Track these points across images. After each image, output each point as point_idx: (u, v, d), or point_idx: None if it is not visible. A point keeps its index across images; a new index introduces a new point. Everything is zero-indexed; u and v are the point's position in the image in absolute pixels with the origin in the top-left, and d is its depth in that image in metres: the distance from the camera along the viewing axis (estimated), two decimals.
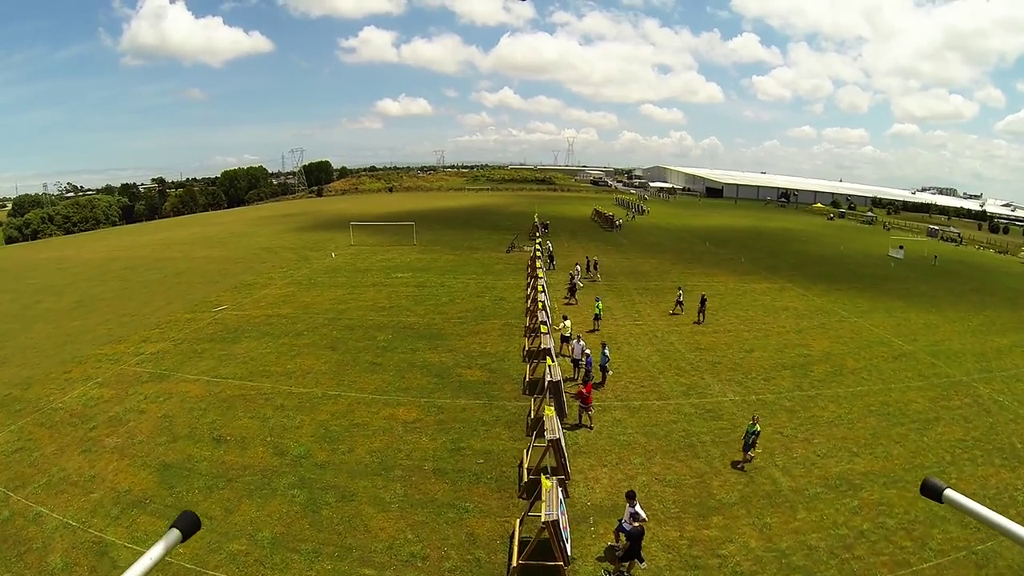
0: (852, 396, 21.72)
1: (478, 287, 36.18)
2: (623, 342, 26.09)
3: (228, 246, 58.44)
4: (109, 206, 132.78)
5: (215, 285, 39.42)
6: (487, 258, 46.81)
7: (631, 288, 36.88)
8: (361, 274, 40.70)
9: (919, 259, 56.24)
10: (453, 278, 38.80)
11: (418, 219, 74.93)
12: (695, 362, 24.17)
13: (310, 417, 18.69)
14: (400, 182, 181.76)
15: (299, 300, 33.67)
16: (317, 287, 36.99)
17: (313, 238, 60.57)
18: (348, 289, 35.96)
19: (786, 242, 63.83)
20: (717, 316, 31.24)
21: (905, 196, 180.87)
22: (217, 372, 22.94)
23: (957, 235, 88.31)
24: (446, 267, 42.97)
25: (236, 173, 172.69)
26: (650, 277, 40.72)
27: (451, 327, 27.70)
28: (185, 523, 2.85)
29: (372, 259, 46.87)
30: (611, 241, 57.91)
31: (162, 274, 45.13)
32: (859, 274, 46.40)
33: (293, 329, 27.98)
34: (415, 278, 38.96)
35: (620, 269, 42.91)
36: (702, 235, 65.16)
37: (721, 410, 19.86)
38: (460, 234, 61.40)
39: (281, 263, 46.59)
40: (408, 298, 33.41)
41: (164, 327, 29.61)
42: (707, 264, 46.71)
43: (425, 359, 23.43)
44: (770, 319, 31.51)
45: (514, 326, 27.96)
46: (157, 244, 64.06)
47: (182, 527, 2.82)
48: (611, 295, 34.62)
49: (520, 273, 40.62)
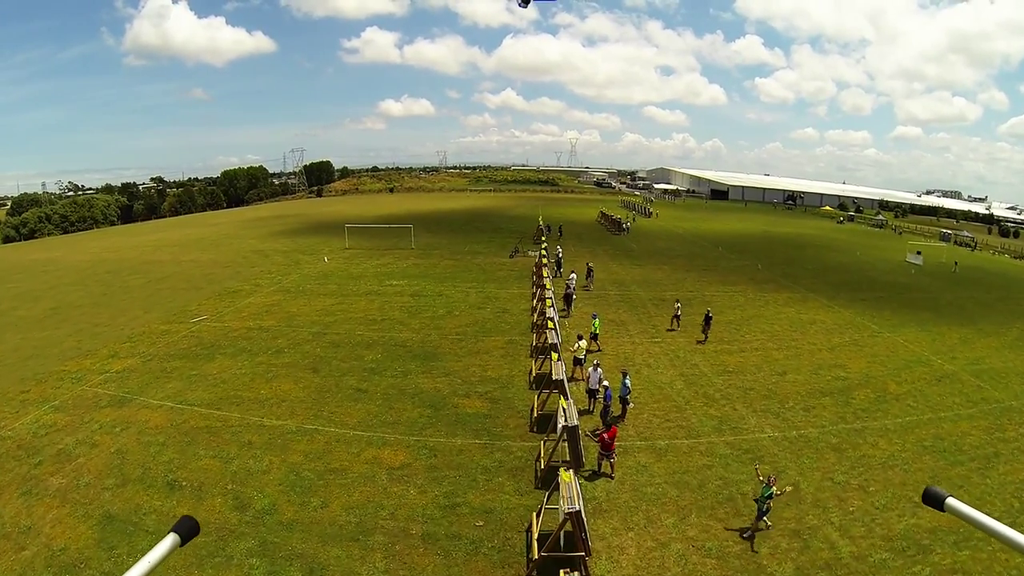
0: (902, 429, 19.08)
1: (479, 297, 33.41)
2: (641, 364, 23.29)
3: (220, 248, 55.78)
4: (107, 205, 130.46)
5: (198, 292, 36.78)
6: (489, 264, 44.05)
7: (645, 299, 34.05)
8: (353, 281, 37.94)
9: (938, 266, 53.80)
10: (452, 286, 36.05)
11: (417, 221, 72.36)
12: (724, 388, 21.38)
13: (280, 458, 15.91)
14: (401, 183, 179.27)
15: (284, 310, 30.94)
16: (305, 295, 34.26)
17: (307, 241, 57.86)
18: (338, 298, 33.21)
19: (800, 248, 61.06)
20: (741, 331, 28.52)
21: (911, 199, 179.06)
22: (184, 397, 20.26)
23: (971, 240, 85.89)
24: (445, 274, 40.21)
25: (236, 173, 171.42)
26: (664, 286, 37.90)
27: (448, 345, 24.92)
28: (184, 528, 2.82)
29: (366, 264, 44.13)
30: (620, 246, 55.09)
31: (146, 279, 42.50)
32: (881, 282, 43.68)
33: (273, 345, 25.24)
34: (411, 286, 36.21)
35: (632, 278, 40.07)
36: (713, 240, 62.35)
37: (760, 449, 17.11)
38: (460, 237, 58.63)
39: (271, 267, 43.89)
40: (402, 309, 30.63)
41: (136, 340, 27.07)
42: (722, 272, 43.91)
43: (417, 385, 20.63)
44: (798, 335, 28.79)
45: (519, 344, 25.13)
46: (148, 246, 61.39)
47: (181, 532, 2.80)
48: (624, 307, 31.89)
49: (525, 281, 37.87)
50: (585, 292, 34.76)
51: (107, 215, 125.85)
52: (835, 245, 64.48)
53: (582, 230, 65.50)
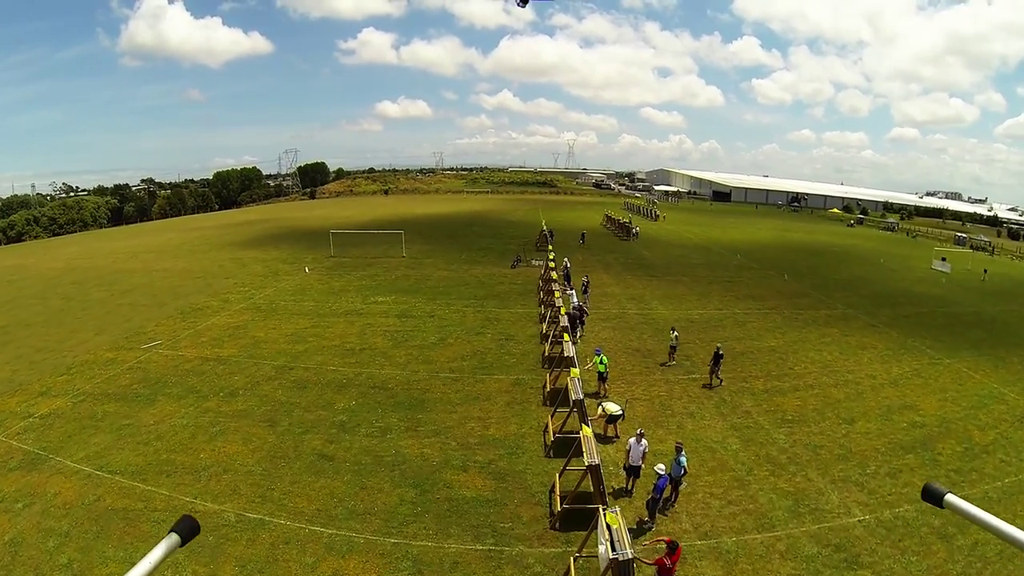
0: (1004, 496, 15.29)
1: (477, 319, 28.81)
2: (682, 412, 18.81)
3: (196, 256, 51.08)
4: (97, 207, 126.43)
5: (160, 309, 32.34)
6: (488, 275, 39.53)
7: (671, 320, 29.53)
8: (334, 297, 33.36)
9: (965, 274, 49.97)
10: (446, 304, 31.47)
11: (411, 226, 67.88)
12: (789, 447, 16.97)
13: (207, 571, 11.43)
14: (397, 184, 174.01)
15: (249, 335, 26.43)
16: (277, 314, 29.74)
17: (290, 248, 53.24)
18: (313, 319, 28.69)
19: (819, 255, 56.73)
20: (788, 361, 24.17)
21: (913, 200, 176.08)
22: (107, 459, 15.98)
23: (987, 244, 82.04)
24: (438, 287, 35.64)
25: (229, 174, 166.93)
26: (689, 302, 33.45)
27: (440, 387, 20.28)
28: (184, 527, 2.76)
29: (351, 276, 39.55)
30: (631, 254, 50.54)
31: (110, 291, 38.03)
32: (918, 295, 39.48)
33: (228, 384, 20.73)
34: (398, 303, 31.66)
35: (651, 293, 35.50)
36: (729, 247, 57.89)
37: (854, 544, 12.83)
38: (457, 244, 54.00)
39: (246, 279, 39.36)
40: (386, 335, 26.03)
41: (76, 371, 22.95)
42: (748, 284, 39.49)
43: (399, 449, 16.03)
44: (852, 363, 24.59)
45: (528, 386, 20.52)
46: (125, 252, 56.60)
47: (181, 531, 2.74)
48: (647, 330, 27.36)
49: (530, 297, 33.39)
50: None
51: (97, 217, 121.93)
52: (855, 252, 60.08)
53: (589, 237, 60.99)
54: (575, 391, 14.70)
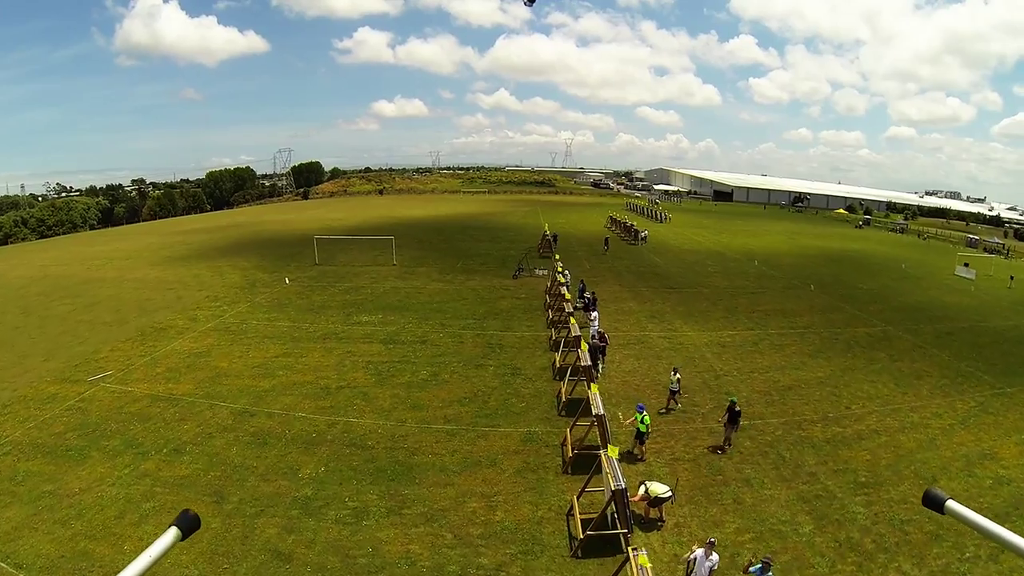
0: None
1: (476, 345, 25.01)
2: (732, 475, 15.13)
3: (173, 263, 47.11)
4: (87, 209, 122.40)
5: (121, 327, 28.73)
6: (487, 287, 35.77)
7: (700, 344, 25.88)
8: (313, 315, 29.56)
9: (990, 280, 46.88)
10: (440, 325, 27.69)
11: (405, 229, 64.28)
12: (871, 525, 13.52)
13: None
14: (392, 184, 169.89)
15: (211, 365, 22.71)
16: (246, 338, 26.00)
17: (273, 255, 49.35)
18: (287, 344, 24.94)
19: (838, 262, 53.08)
20: (843, 397, 20.62)
21: (914, 200, 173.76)
22: (15, 545, 12.83)
23: (1001, 246, 78.94)
24: (431, 304, 31.83)
25: (222, 174, 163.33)
26: (715, 320, 29.75)
27: (432, 445, 16.43)
28: (184, 522, 2.74)
29: (334, 288, 35.72)
30: (643, 261, 46.71)
31: (74, 304, 34.34)
32: (951, 307, 36.23)
33: (175, 436, 17.04)
34: (385, 324, 27.85)
35: (672, 308, 31.68)
36: (745, 253, 54.35)
37: None
38: (452, 250, 50.20)
39: (220, 291, 35.62)
40: (368, 368, 22.17)
41: (9, 411, 19.55)
42: (775, 296, 35.81)
43: (376, 545, 12.25)
44: (912, 397, 21.37)
45: (543, 443, 16.68)
46: (102, 258, 52.54)
47: (182, 526, 2.72)
48: (679, 360, 23.40)
49: (536, 315, 29.67)
50: None
51: (86, 219, 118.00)
52: (875, 258, 56.47)
53: (594, 240, 57.23)
54: (614, 477, 11.26)
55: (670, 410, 18.86)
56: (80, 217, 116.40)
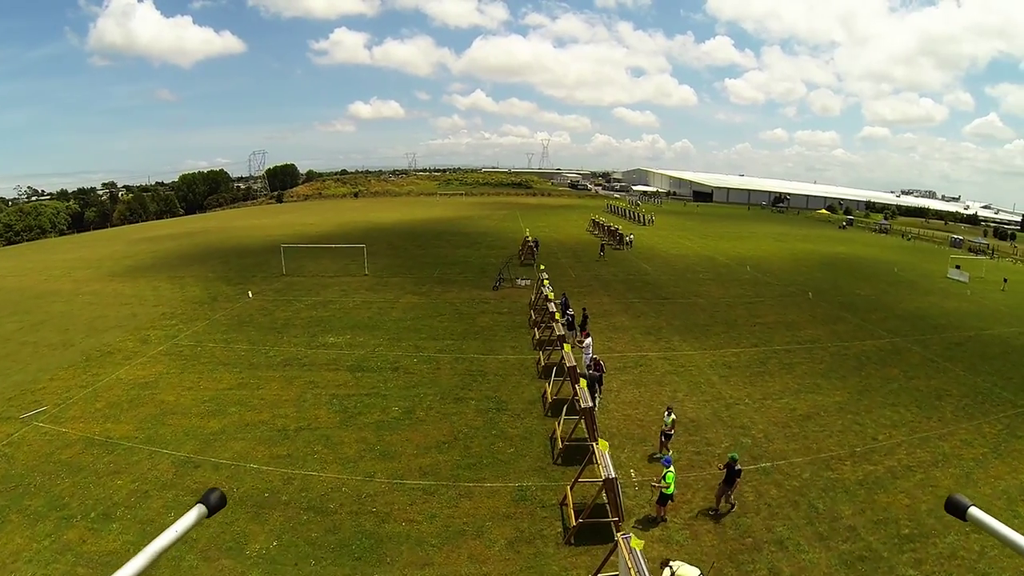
0: None
1: (455, 372, 22.29)
2: (762, 535, 12.79)
3: (134, 274, 43.59)
4: (56, 213, 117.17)
5: (66, 351, 25.83)
6: (466, 300, 33.15)
7: (703, 365, 23.40)
8: (275, 335, 26.75)
9: (983, 283, 45.95)
10: (414, 347, 24.97)
11: (379, 234, 61.50)
12: None
13: None
14: (368, 187, 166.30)
15: (156, 400, 19.88)
16: (198, 365, 23.17)
17: (239, 264, 46.29)
18: (243, 373, 22.13)
19: (831, 266, 51.67)
20: (866, 426, 18.64)
21: (891, 199, 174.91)
22: None
23: (986, 246, 78.41)
24: (404, 321, 29.06)
25: (195, 177, 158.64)
26: (716, 335, 27.51)
27: (405, 508, 13.64)
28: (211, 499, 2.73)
29: (301, 302, 32.87)
30: (630, 268, 44.38)
31: (21, 323, 31.21)
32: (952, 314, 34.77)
33: (106, 495, 14.29)
34: (353, 347, 25.06)
35: (669, 324, 29.28)
36: (734, 258, 52.50)
37: None
38: (428, 257, 47.49)
39: (179, 306, 32.69)
40: (332, 404, 19.29)
41: None
42: (774, 305, 33.81)
43: None
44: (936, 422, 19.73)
45: (537, 503, 13.98)
46: (62, 267, 48.79)
47: (208, 504, 2.71)
48: (683, 387, 21.24)
49: (520, 332, 27.18)
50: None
51: (56, 223, 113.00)
52: (866, 261, 54.93)
53: (577, 245, 54.93)
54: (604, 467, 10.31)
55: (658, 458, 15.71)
56: (49, 222, 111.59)
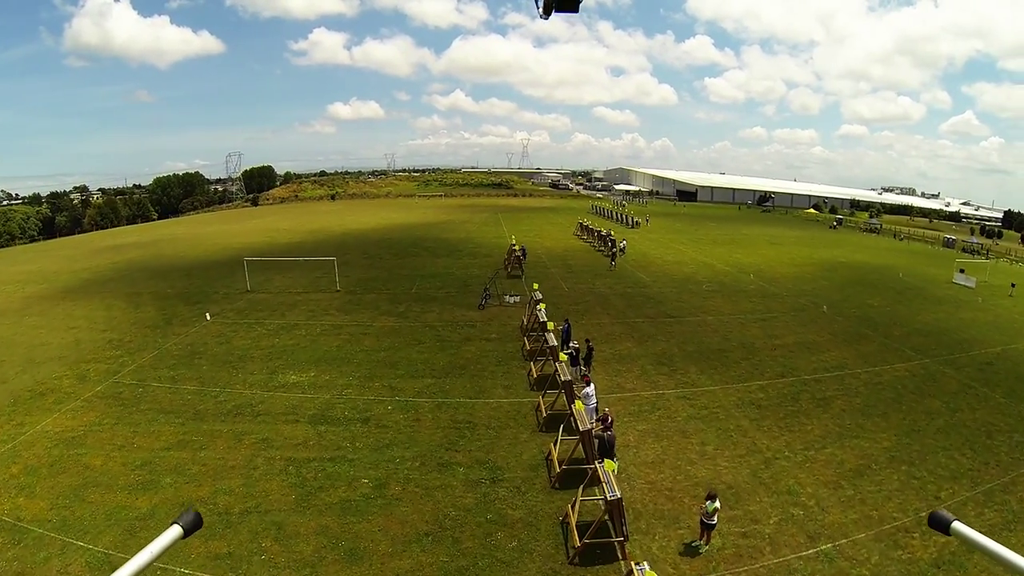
0: None
1: (438, 425, 18.62)
2: None
3: (88, 290, 39.16)
4: (26, 219, 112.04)
5: None
6: (448, 323, 29.55)
7: (730, 405, 20.44)
8: (230, 372, 23.01)
9: (989, 288, 43.44)
10: (388, 389, 21.27)
11: (354, 241, 57.78)
12: None
13: None
14: (345, 188, 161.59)
15: (81, 464, 16.19)
16: (137, 413, 19.46)
17: (203, 276, 42.37)
18: (185, 426, 18.40)
19: (833, 270, 49.21)
20: (926, 483, 15.67)
21: (873, 196, 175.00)
22: None
23: (980, 246, 76.76)
24: (378, 352, 25.29)
25: (170, 180, 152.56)
26: (735, 363, 24.48)
27: None
28: (187, 520, 2.70)
29: (263, 327, 29.08)
30: (628, 279, 40.92)
31: None
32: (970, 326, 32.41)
33: None
34: (318, 388, 21.32)
35: (680, 349, 25.96)
36: (734, 265, 49.60)
37: None
38: (406, 268, 43.83)
39: (128, 331, 28.86)
40: (288, 473, 15.62)
41: None
42: (789, 323, 30.85)
43: None
44: (997, 469, 16.87)
45: None
46: (14, 281, 43.55)
47: (184, 524, 2.68)
48: (711, 432, 18.08)
49: (512, 365, 23.68)
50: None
51: (26, 229, 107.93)
52: (868, 267, 51.86)
53: (565, 252, 51.55)
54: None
55: (696, 547, 12.65)
56: (19, 228, 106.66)
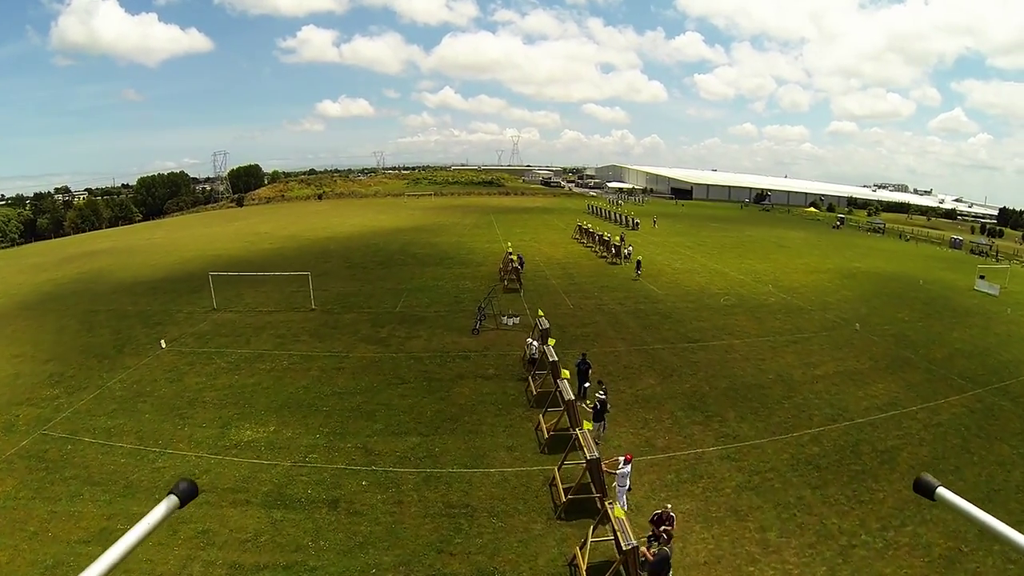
0: None
1: (427, 508, 14.94)
2: None
3: (43, 307, 35.51)
4: (7, 221, 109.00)
5: None
6: (437, 354, 25.46)
7: (782, 466, 16.94)
8: (176, 421, 19.19)
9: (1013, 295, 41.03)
10: (364, 452, 17.36)
11: (337, 247, 54.03)
12: None
13: None
14: (333, 187, 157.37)
15: None
16: (58, 483, 15.72)
17: (168, 290, 38.44)
18: (112, 506, 14.63)
19: (851, 277, 46.05)
20: None
21: (868, 193, 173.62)
22: None
23: (988, 247, 73.95)
24: (354, 395, 21.34)
25: (154, 180, 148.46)
26: (775, 404, 21.06)
27: None
28: (183, 490, 2.64)
29: (222, 359, 25.10)
30: (637, 292, 37.51)
31: None
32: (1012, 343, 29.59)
33: None
34: (278, 451, 17.43)
35: (710, 385, 22.44)
36: (748, 272, 46.14)
37: None
38: (391, 281, 39.90)
39: (71, 362, 25.14)
40: None
41: None
42: (824, 346, 27.38)
43: None
44: None
45: None
46: None
47: (179, 494, 2.62)
48: (768, 507, 14.51)
49: (515, 413, 19.94)
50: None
51: (7, 233, 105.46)
52: (886, 274, 47.57)
53: (565, 259, 47.75)
54: None
55: None
56: None
